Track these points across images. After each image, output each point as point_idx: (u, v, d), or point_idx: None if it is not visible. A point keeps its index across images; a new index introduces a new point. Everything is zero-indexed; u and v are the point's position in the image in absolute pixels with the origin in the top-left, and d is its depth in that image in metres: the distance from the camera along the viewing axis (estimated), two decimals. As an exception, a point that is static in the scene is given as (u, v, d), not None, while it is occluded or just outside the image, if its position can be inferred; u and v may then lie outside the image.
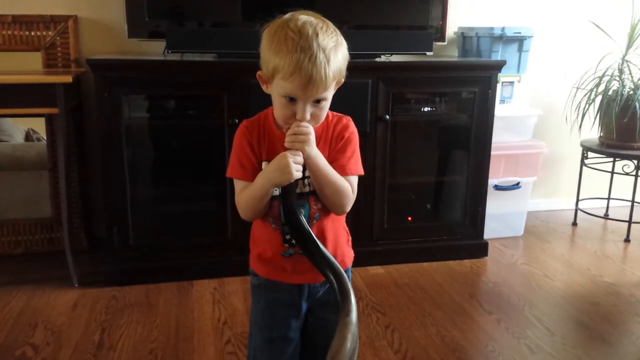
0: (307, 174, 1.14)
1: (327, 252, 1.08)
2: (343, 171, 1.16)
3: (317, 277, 1.20)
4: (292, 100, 1.07)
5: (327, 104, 1.12)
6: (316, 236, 1.10)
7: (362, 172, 1.20)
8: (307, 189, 1.16)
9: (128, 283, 2.36)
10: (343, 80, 1.14)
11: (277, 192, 1.15)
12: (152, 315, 2.13)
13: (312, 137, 1.09)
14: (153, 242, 2.44)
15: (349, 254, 1.28)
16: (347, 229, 1.28)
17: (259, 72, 1.14)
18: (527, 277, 2.54)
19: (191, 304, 2.22)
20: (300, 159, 1.08)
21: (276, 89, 1.09)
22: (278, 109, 1.11)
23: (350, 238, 1.29)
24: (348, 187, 1.16)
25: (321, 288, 1.24)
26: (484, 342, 2.00)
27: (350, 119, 1.22)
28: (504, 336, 2.03)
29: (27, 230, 2.64)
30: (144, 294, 2.29)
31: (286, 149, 1.09)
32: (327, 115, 1.18)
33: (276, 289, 1.22)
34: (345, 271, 1.21)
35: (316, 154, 1.11)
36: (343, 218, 1.26)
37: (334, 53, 1.06)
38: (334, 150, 1.17)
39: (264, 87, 1.15)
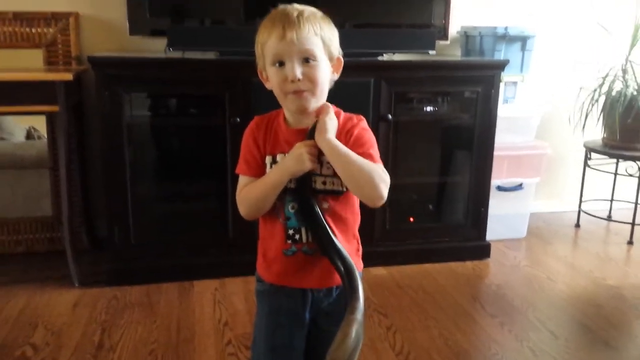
0: (318, 171, 1.12)
1: (339, 244, 1.09)
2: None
3: (321, 283, 1.19)
4: (281, 65, 1.10)
5: (319, 65, 1.10)
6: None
7: (380, 162, 1.14)
8: (315, 185, 1.14)
9: (129, 283, 2.34)
10: (338, 56, 1.16)
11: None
12: (153, 315, 2.12)
13: (332, 127, 1.10)
14: (154, 242, 2.43)
15: (358, 264, 1.23)
16: (358, 237, 1.24)
17: (258, 69, 1.18)
18: (530, 280, 2.52)
19: (192, 305, 2.21)
20: (315, 150, 1.08)
21: (267, 63, 1.12)
22: (274, 82, 1.12)
23: (360, 248, 1.26)
24: (377, 168, 1.10)
25: (325, 299, 1.21)
26: (487, 345, 1.98)
27: (363, 118, 1.19)
28: (507, 339, 2.02)
29: (27, 229, 2.63)
30: (145, 294, 2.28)
31: (290, 147, 1.11)
32: (338, 115, 1.16)
33: (279, 295, 1.20)
34: None
35: (333, 138, 1.09)
36: (355, 224, 1.22)
37: (311, 11, 1.11)
38: (349, 146, 1.11)
39: (267, 85, 1.18)
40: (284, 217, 1.16)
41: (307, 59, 1.09)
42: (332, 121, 1.11)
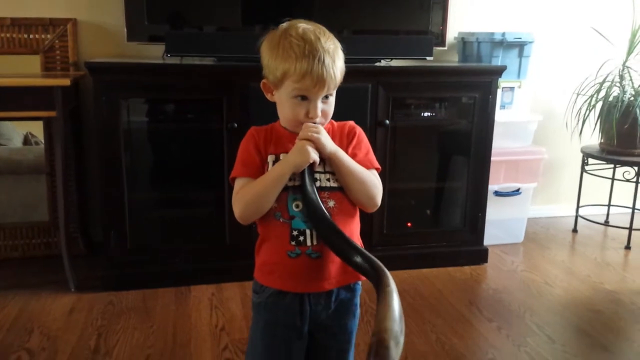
0: (320, 169, 1.15)
1: (346, 235, 1.09)
2: (364, 166, 1.18)
3: (323, 286, 1.17)
4: (303, 99, 1.12)
5: (333, 100, 1.17)
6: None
7: (379, 167, 1.23)
8: (317, 184, 1.14)
9: (125, 288, 2.34)
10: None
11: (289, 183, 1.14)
12: (149, 320, 2.11)
13: (325, 133, 1.13)
14: (150, 247, 2.43)
15: None
16: (360, 239, 1.24)
17: (263, 81, 1.19)
18: (528, 284, 2.52)
19: (189, 310, 2.21)
20: (316, 144, 1.11)
21: (286, 92, 1.13)
22: (289, 110, 1.14)
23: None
24: (374, 177, 1.19)
25: (323, 311, 1.19)
26: (484, 350, 1.98)
27: (354, 123, 1.25)
28: (505, 344, 2.01)
29: (24, 235, 2.62)
30: (141, 299, 2.27)
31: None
32: (332, 123, 1.22)
33: (277, 308, 1.18)
34: (356, 284, 1.21)
35: (335, 147, 1.14)
36: (357, 225, 1.22)
37: (337, 54, 1.14)
38: (349, 149, 1.19)
39: (268, 96, 1.19)
40: (287, 216, 1.14)
41: (326, 96, 1.14)
42: (324, 131, 1.14)
